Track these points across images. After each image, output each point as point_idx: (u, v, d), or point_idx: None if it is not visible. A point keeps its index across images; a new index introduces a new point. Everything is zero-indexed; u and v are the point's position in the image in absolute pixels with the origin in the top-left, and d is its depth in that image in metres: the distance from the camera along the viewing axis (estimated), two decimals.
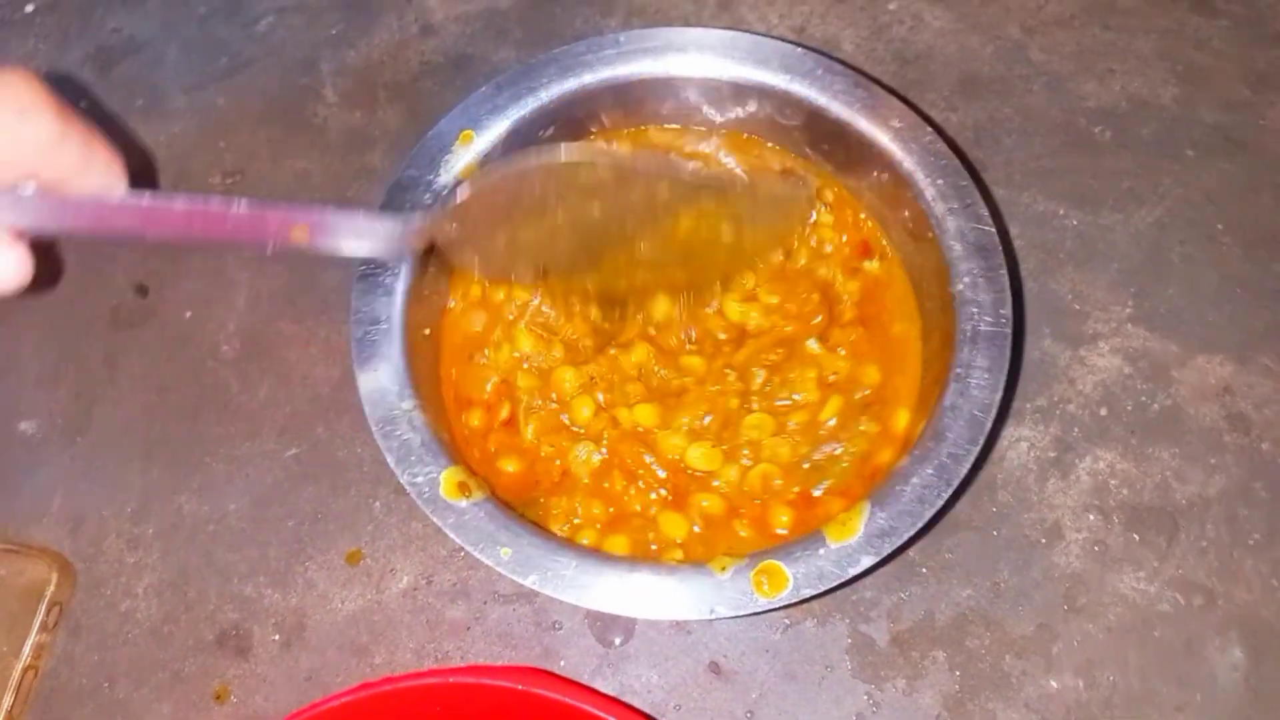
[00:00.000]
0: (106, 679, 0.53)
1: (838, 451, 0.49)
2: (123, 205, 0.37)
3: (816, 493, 0.49)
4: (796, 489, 0.49)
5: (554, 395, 0.51)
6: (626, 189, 0.45)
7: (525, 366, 0.52)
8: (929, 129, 0.49)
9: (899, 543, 0.42)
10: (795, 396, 0.50)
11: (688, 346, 0.52)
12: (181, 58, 0.68)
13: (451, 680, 0.42)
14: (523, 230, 0.46)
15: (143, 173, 0.65)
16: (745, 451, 0.49)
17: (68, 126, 0.34)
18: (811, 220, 0.54)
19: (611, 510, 0.49)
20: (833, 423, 0.50)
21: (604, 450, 0.50)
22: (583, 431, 0.50)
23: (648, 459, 0.49)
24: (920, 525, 0.42)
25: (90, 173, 0.35)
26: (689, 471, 0.49)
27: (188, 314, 0.62)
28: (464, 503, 0.43)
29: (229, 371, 0.60)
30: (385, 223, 0.43)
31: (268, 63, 0.68)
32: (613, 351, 0.51)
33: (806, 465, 0.49)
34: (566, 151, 0.44)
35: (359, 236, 0.42)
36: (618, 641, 0.53)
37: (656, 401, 0.50)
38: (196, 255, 0.63)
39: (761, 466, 0.49)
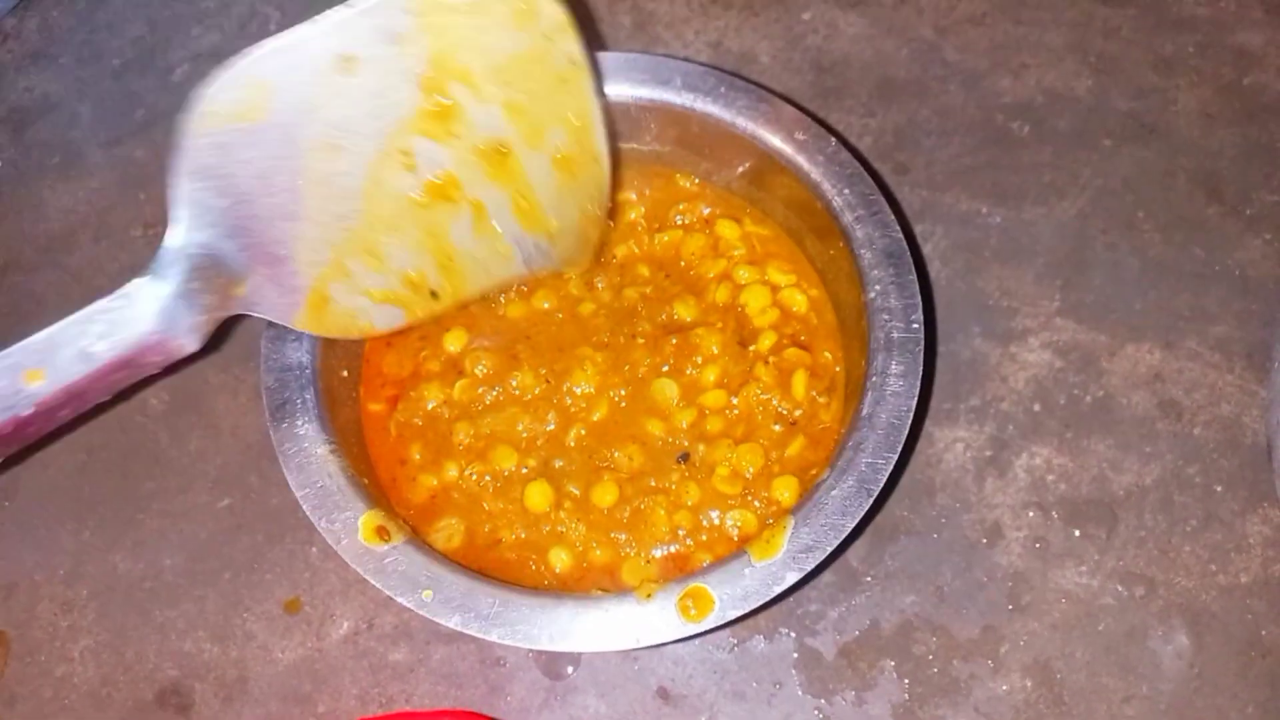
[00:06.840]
0: None
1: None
2: None
3: None
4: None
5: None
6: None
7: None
8: (832, 139, 0.49)
9: (822, 557, 0.41)
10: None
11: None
12: (97, 113, 0.68)
13: None
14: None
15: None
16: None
17: None
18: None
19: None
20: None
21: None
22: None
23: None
24: (843, 538, 0.42)
25: None
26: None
27: None
28: (383, 547, 0.43)
29: (158, 426, 0.59)
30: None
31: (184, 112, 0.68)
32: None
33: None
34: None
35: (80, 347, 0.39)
36: (569, 671, 0.52)
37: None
38: None
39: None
